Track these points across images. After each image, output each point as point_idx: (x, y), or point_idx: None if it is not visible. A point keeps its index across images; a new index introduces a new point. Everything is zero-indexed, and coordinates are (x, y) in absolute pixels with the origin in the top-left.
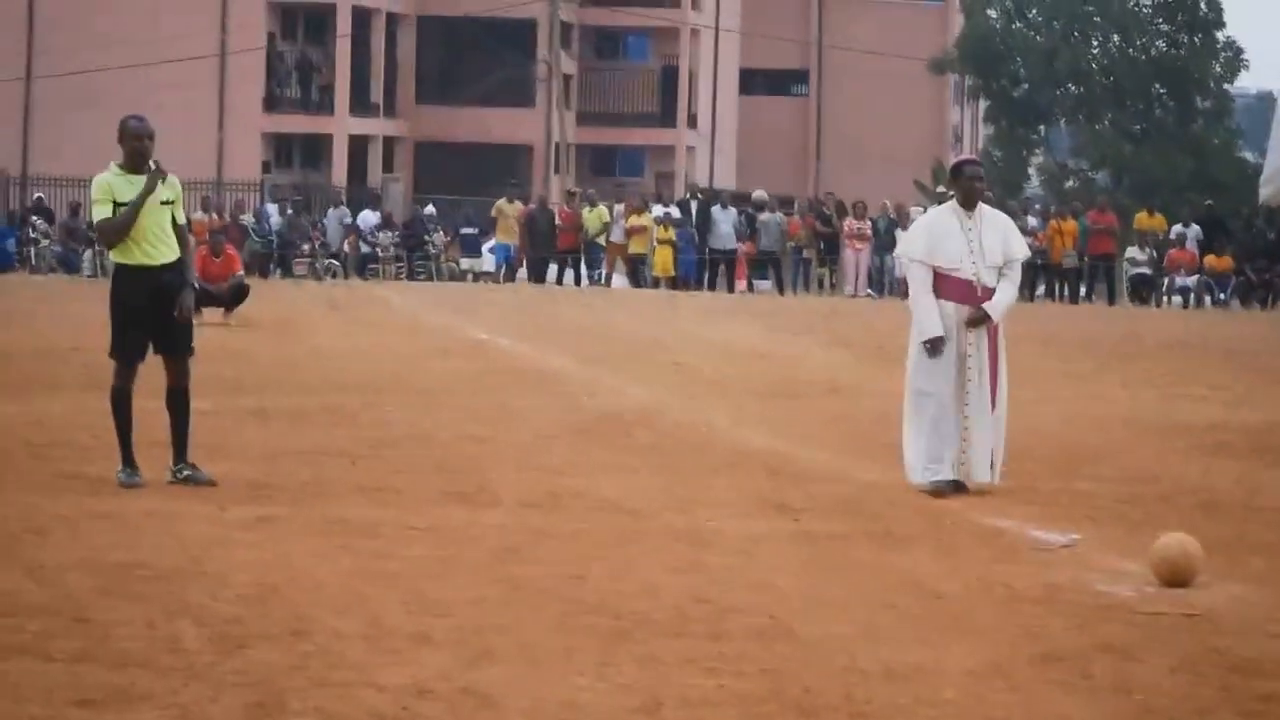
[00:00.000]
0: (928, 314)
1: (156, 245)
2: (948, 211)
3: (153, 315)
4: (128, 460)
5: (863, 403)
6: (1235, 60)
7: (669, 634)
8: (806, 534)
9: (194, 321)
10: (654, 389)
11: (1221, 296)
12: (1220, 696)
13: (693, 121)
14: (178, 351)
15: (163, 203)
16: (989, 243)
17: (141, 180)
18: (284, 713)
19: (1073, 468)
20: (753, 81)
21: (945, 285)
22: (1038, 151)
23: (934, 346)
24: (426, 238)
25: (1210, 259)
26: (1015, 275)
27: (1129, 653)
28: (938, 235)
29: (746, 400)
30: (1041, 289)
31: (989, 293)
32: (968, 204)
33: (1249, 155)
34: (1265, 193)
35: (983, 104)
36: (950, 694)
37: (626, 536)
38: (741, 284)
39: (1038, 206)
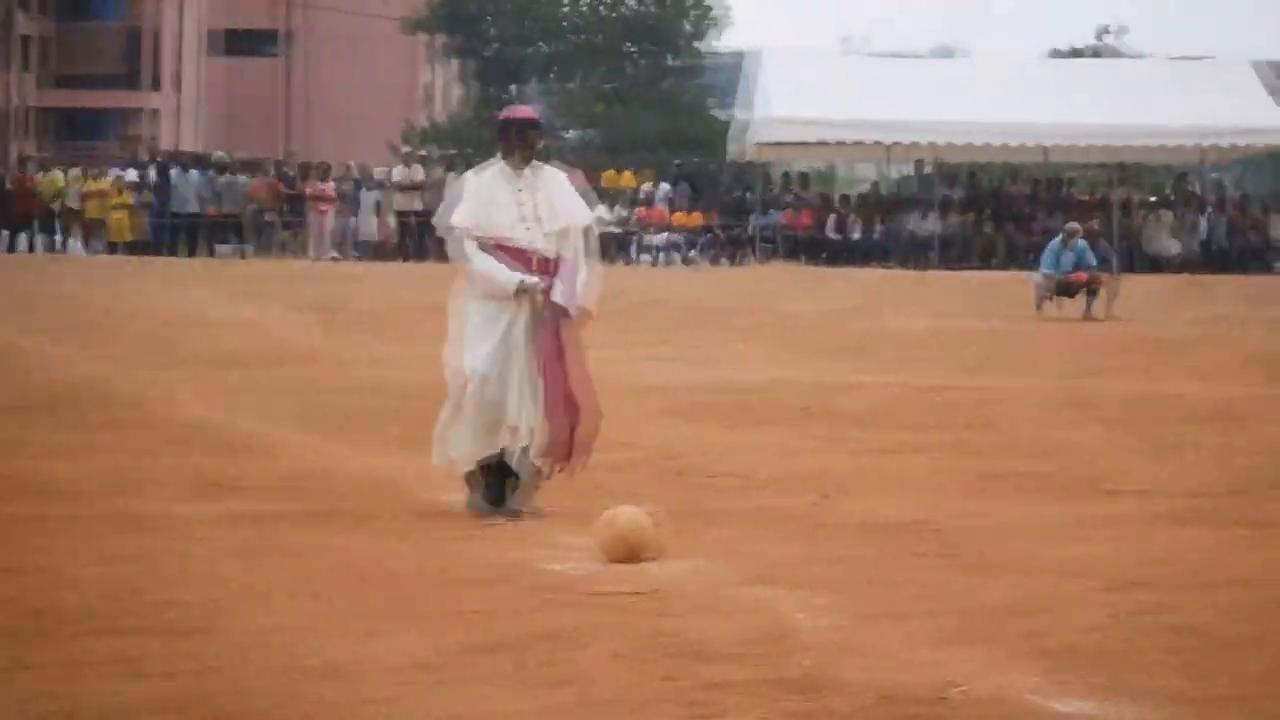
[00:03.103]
0: (496, 270)
1: None
2: (495, 173)
3: None
4: None
5: (318, 371)
6: (705, 18)
7: (92, 632)
8: (247, 515)
9: None
10: (104, 361)
11: (692, 254)
12: (664, 686)
13: (159, 84)
14: None
15: None
16: (546, 206)
17: None
18: None
19: None
20: (224, 42)
21: (497, 257)
22: None
23: (528, 289)
24: None
25: (680, 216)
26: (584, 246)
27: (571, 639)
28: (487, 201)
29: (200, 370)
30: None
31: (546, 264)
32: (518, 163)
33: (721, 113)
34: (734, 149)
35: (456, 63)
36: (383, 691)
37: (59, 523)
38: None
39: None
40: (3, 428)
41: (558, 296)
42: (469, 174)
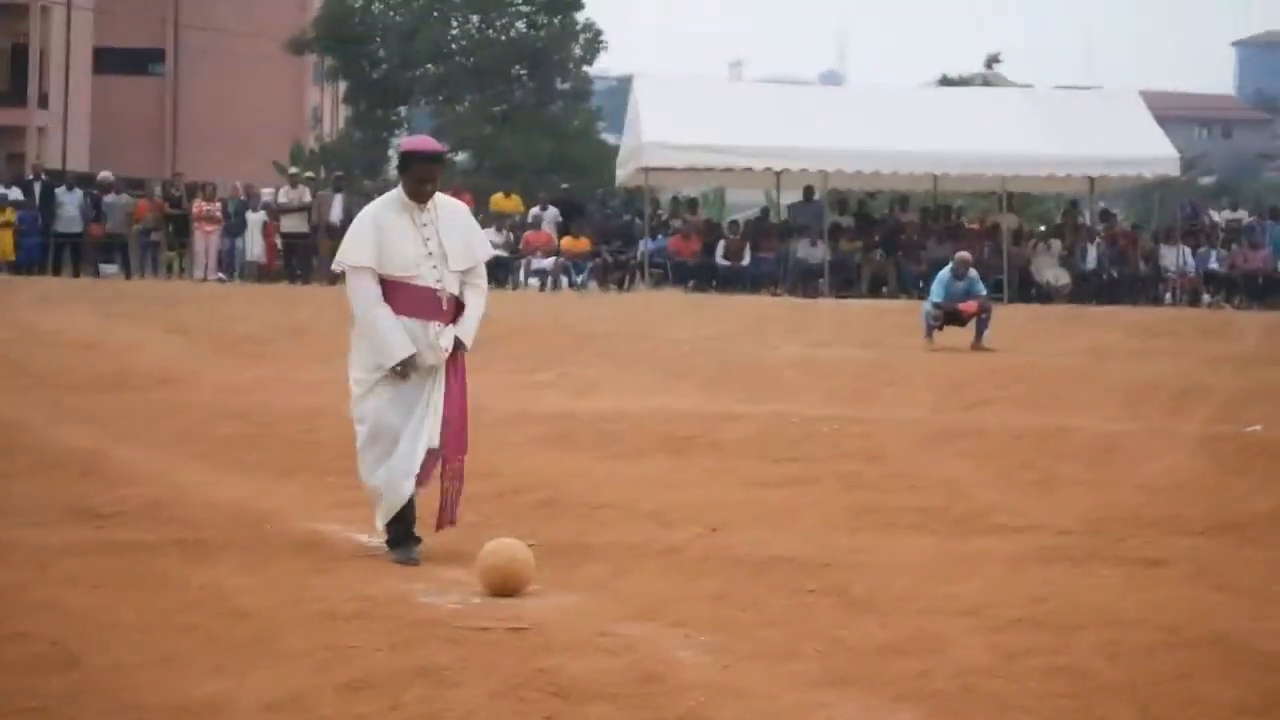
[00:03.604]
0: (390, 332)
1: None
2: (394, 206)
3: None
4: None
5: (195, 395)
6: (594, 42)
7: None
8: (108, 544)
9: None
10: None
11: (579, 279)
12: None
13: (44, 101)
14: None
15: None
16: (451, 243)
17: None
18: None
19: None
20: (108, 61)
21: (400, 295)
22: (399, 132)
23: (405, 368)
24: None
25: (568, 241)
26: (482, 283)
27: (447, 676)
28: (387, 236)
29: (70, 394)
30: None
31: (453, 303)
32: (419, 197)
33: (609, 138)
34: (622, 174)
35: (343, 85)
36: None
37: None
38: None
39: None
40: None
41: (469, 340)
42: (368, 208)
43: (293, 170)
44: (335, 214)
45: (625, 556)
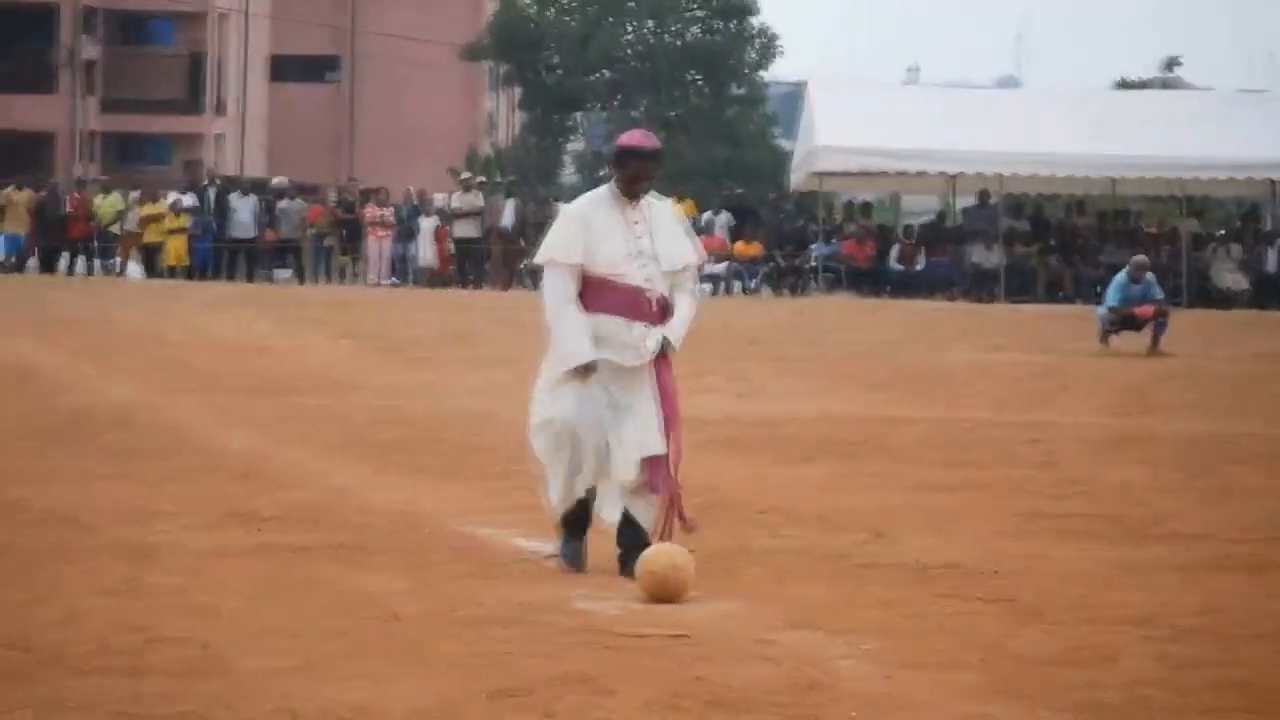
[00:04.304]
0: (576, 337)
1: None
2: (606, 201)
3: None
4: None
5: (358, 398)
6: (769, 47)
7: (81, 671)
8: (266, 547)
9: None
10: (139, 385)
11: (752, 284)
12: None
13: (221, 108)
14: None
15: None
16: (662, 243)
17: None
18: None
19: None
20: (284, 67)
21: (605, 294)
22: (573, 138)
23: (585, 372)
24: None
25: (740, 245)
26: (694, 287)
27: (602, 683)
28: (597, 232)
29: (236, 397)
30: None
31: (662, 304)
32: (631, 194)
33: (783, 143)
34: (795, 179)
35: (517, 90)
36: None
37: (64, 553)
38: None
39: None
40: (21, 452)
41: (678, 342)
42: (576, 203)
43: (465, 175)
44: (507, 219)
45: (788, 562)
